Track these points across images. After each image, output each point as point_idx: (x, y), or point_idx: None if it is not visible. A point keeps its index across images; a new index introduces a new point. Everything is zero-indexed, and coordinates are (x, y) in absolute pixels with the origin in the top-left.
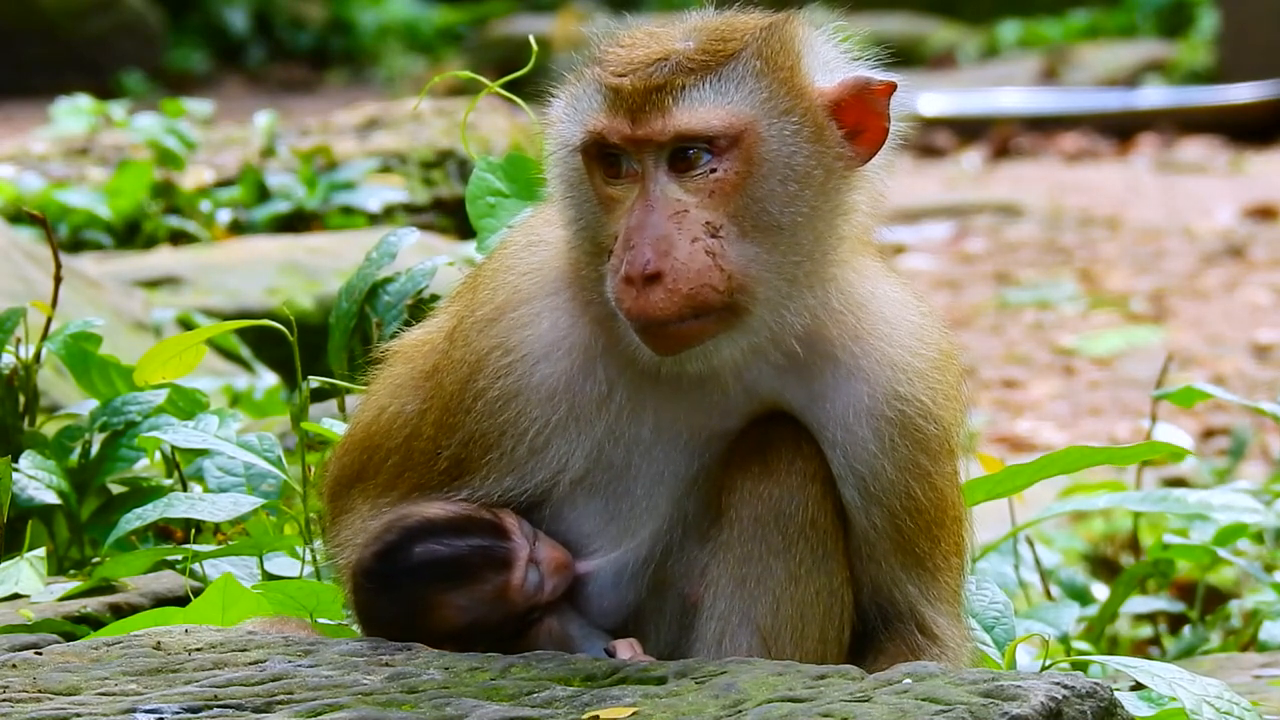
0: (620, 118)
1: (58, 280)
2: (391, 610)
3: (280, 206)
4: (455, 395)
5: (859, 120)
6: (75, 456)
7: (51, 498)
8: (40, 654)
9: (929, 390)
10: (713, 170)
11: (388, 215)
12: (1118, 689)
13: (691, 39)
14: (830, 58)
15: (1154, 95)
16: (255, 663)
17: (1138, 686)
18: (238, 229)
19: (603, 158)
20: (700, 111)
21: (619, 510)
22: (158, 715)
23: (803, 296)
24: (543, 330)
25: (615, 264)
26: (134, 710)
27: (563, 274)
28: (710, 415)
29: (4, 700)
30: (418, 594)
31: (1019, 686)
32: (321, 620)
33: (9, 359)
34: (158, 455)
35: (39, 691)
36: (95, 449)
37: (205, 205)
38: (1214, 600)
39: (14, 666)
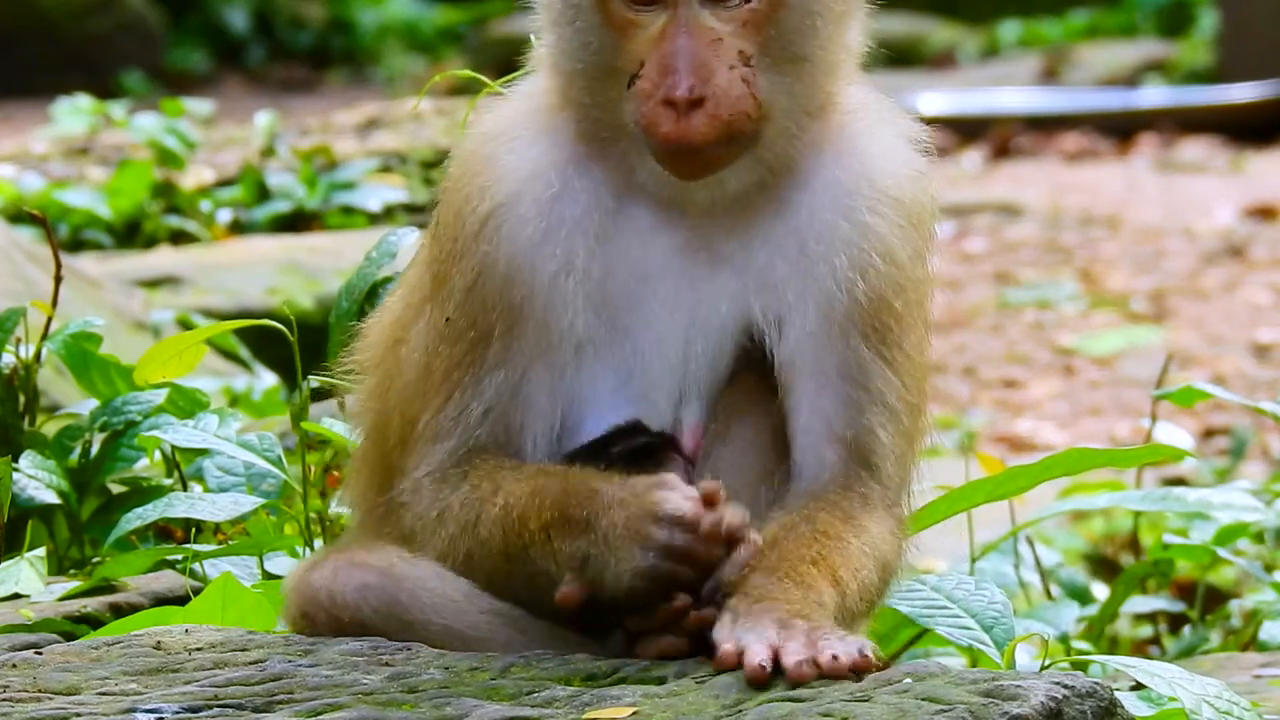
0: None
1: (58, 280)
2: None
3: (280, 206)
4: (450, 255)
5: None
6: (75, 456)
7: (51, 498)
8: (40, 654)
9: (909, 175)
10: (747, 1)
11: (388, 215)
12: (1118, 689)
13: None
14: None
15: (1154, 95)
16: (255, 663)
17: (1138, 686)
18: (238, 229)
19: None
20: None
21: (631, 370)
22: (158, 715)
23: (810, 126)
24: (527, 159)
25: (647, 88)
26: (134, 710)
27: (544, 109)
28: (709, 244)
29: (4, 700)
30: None
31: (1019, 686)
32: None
33: (9, 359)
34: (158, 455)
35: (39, 691)
36: (95, 449)
37: (205, 205)
38: (1214, 600)
39: (14, 666)
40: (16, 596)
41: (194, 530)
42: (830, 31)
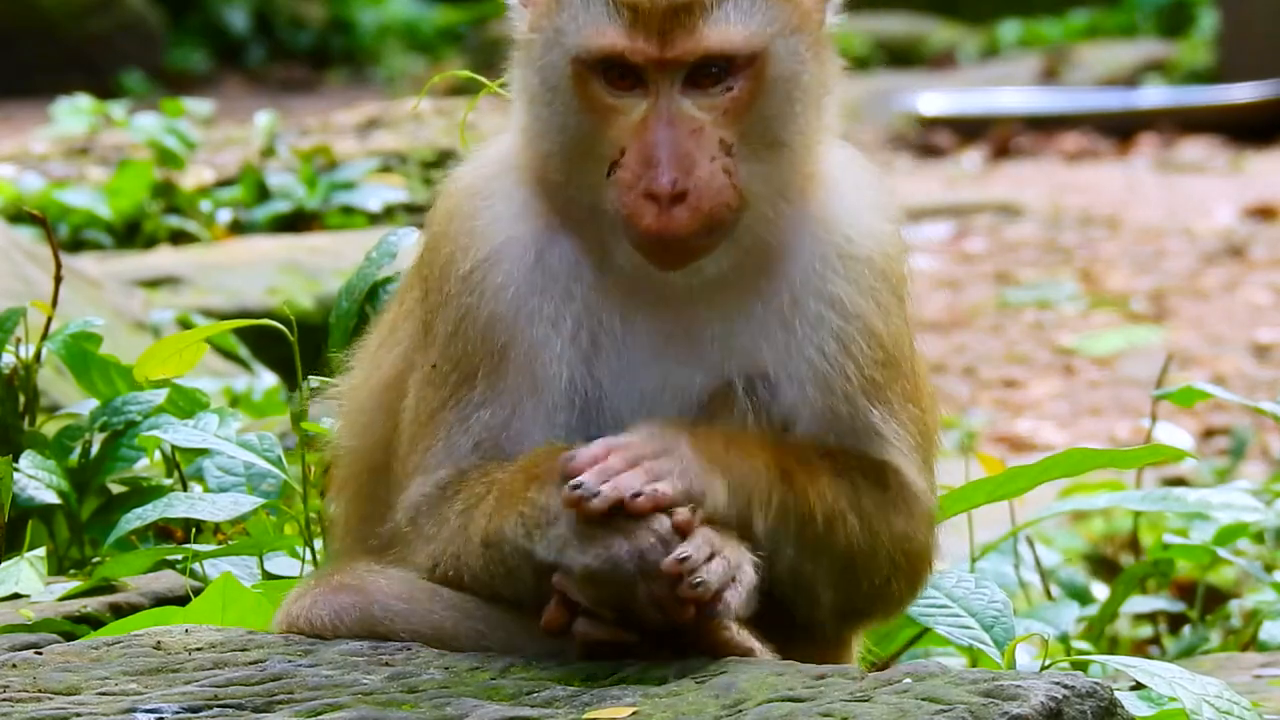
0: (643, 38)
1: (58, 280)
2: None
3: (280, 206)
4: (435, 306)
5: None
6: (75, 456)
7: (51, 498)
8: (40, 654)
9: (887, 234)
10: (728, 89)
11: (388, 215)
12: (1118, 688)
13: None
14: None
15: (1154, 95)
16: (255, 663)
17: (1138, 686)
18: (238, 229)
19: (607, 69)
20: (727, 31)
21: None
22: (158, 715)
23: (790, 205)
24: (504, 223)
25: (628, 178)
26: (134, 710)
27: (518, 173)
28: (688, 320)
29: (4, 700)
30: None
31: (1019, 686)
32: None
33: (9, 359)
34: (158, 455)
35: (39, 691)
36: (95, 449)
37: (205, 205)
38: (1214, 600)
39: (14, 666)
40: (16, 596)
41: (194, 530)
42: (810, 114)
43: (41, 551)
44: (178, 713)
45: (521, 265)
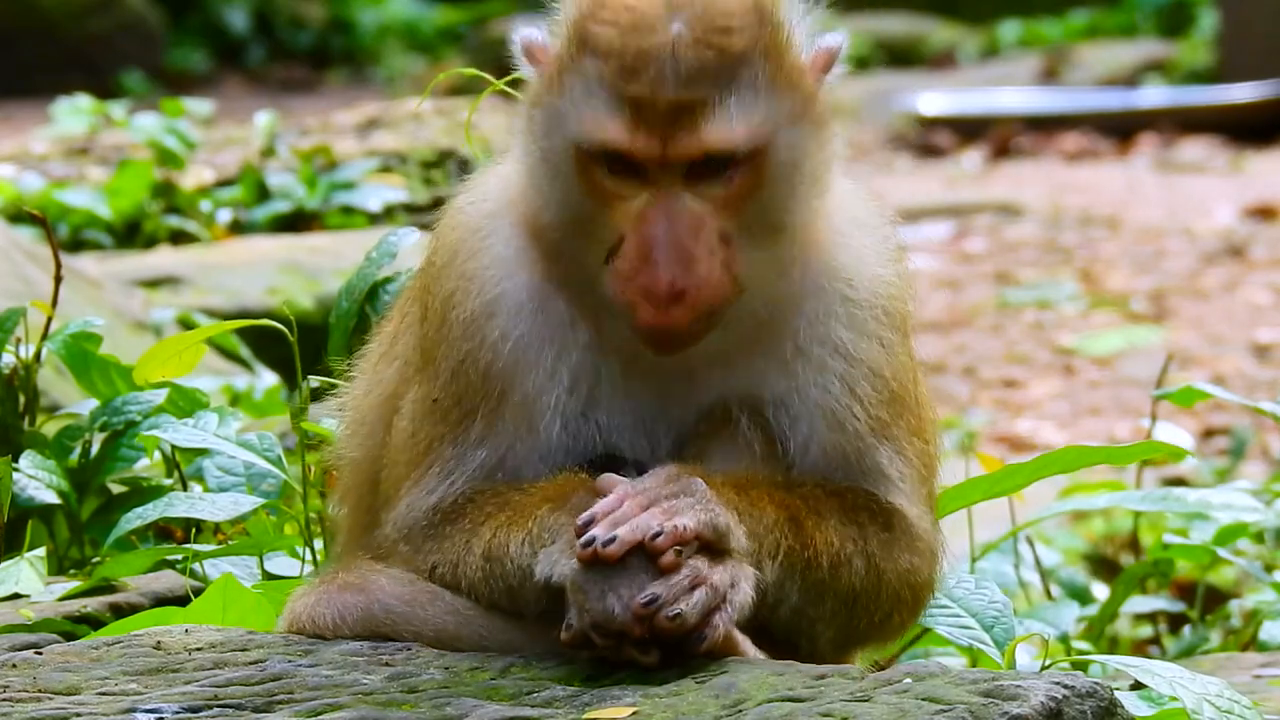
0: (645, 135)
1: (58, 280)
2: None
3: (280, 206)
4: (437, 339)
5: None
6: (75, 456)
7: (51, 498)
8: (40, 654)
9: (888, 275)
10: (729, 181)
11: (388, 215)
12: (1118, 688)
13: (685, 22)
14: (805, 30)
15: (1154, 95)
16: (255, 663)
17: (1138, 686)
18: (238, 229)
19: (609, 159)
20: (729, 129)
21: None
22: (158, 715)
23: (790, 279)
24: (503, 269)
25: (627, 270)
26: (134, 710)
27: (517, 222)
28: (675, 391)
29: (4, 700)
30: None
31: (1019, 686)
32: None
33: (9, 359)
34: (158, 455)
35: (39, 691)
36: (95, 449)
37: (205, 205)
38: (1214, 600)
39: (14, 666)
40: (16, 596)
41: (194, 530)
42: (811, 196)
43: (41, 551)
44: (178, 713)
45: (519, 318)
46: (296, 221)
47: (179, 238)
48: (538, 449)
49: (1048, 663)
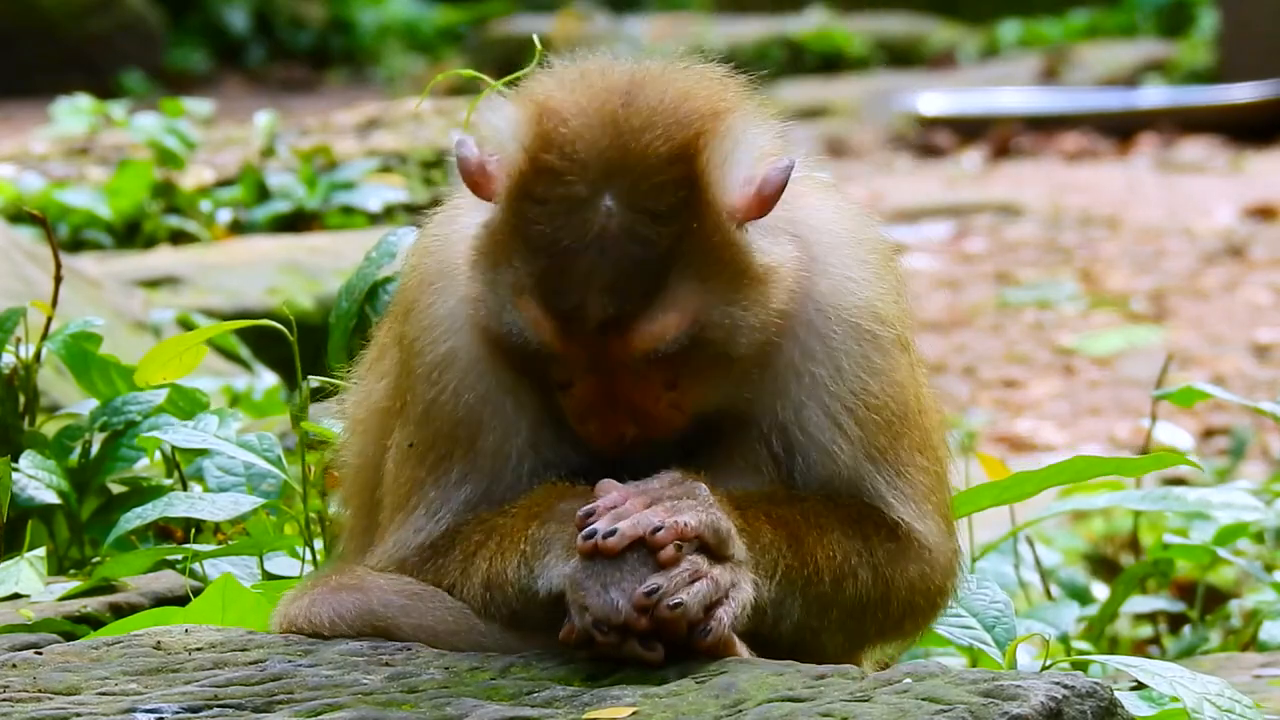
0: (577, 346)
1: (58, 280)
2: None
3: (280, 206)
4: (409, 380)
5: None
6: (75, 456)
7: (51, 498)
8: (40, 654)
9: (872, 293)
10: (669, 354)
11: (388, 215)
12: (1118, 688)
13: (615, 199)
14: (751, 157)
15: (1154, 95)
16: (255, 663)
17: (1138, 686)
18: (238, 229)
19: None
20: (661, 329)
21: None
22: (158, 715)
23: (763, 329)
24: (454, 327)
25: (576, 410)
26: (134, 710)
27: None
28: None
29: (4, 700)
30: None
31: (1019, 686)
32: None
33: (9, 359)
34: (158, 455)
35: (39, 691)
36: (95, 449)
37: (205, 205)
38: (1214, 600)
39: (14, 666)
40: (16, 596)
41: (194, 530)
42: (760, 318)
43: (41, 551)
44: (178, 713)
45: (474, 372)
46: (296, 221)
47: (179, 238)
48: (517, 487)
49: (1048, 663)
